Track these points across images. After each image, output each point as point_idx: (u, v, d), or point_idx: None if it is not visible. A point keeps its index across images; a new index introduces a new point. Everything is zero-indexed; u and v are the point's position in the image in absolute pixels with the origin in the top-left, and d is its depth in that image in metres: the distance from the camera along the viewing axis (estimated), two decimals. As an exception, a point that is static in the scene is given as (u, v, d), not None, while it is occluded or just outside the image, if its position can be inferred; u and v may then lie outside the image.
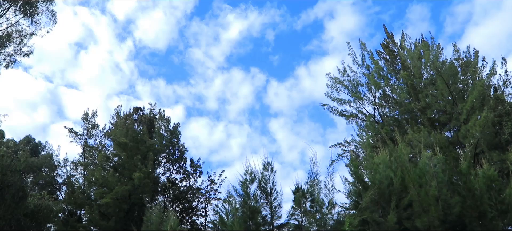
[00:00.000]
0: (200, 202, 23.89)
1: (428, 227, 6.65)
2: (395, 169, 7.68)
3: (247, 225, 7.95)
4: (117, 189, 19.29)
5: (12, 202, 16.51)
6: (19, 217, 16.82)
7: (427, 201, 6.79)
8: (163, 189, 22.59)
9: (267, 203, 8.32)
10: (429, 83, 15.78)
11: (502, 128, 13.26)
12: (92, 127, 24.48)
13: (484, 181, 7.22)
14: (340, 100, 18.21)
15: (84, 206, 21.21)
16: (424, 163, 7.58)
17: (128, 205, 20.18)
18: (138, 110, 25.65)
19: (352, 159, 8.72)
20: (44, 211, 17.62)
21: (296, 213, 8.04)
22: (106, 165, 22.32)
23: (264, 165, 8.45)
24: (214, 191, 23.97)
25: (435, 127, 14.59)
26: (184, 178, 23.95)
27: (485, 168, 7.49)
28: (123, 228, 19.72)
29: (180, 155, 24.15)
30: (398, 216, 6.93)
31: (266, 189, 8.34)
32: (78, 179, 24.35)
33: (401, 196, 7.31)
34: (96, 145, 23.95)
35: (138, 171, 19.56)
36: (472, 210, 6.85)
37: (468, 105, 13.26)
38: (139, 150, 21.25)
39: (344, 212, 8.82)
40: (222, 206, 8.57)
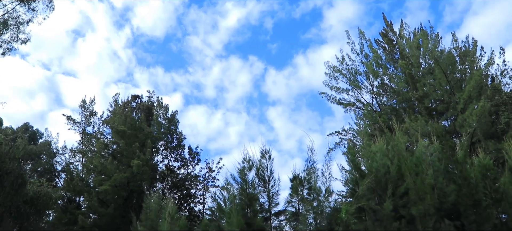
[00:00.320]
0: (198, 190, 24.07)
1: (423, 215, 6.74)
2: (392, 158, 7.75)
3: (245, 212, 8.05)
4: (116, 176, 19.39)
5: (11, 189, 16.60)
6: (18, 204, 16.94)
7: (423, 189, 6.87)
8: (161, 176, 22.73)
9: (265, 191, 8.41)
10: (427, 72, 15.81)
11: (498, 118, 13.35)
12: (90, 114, 24.50)
13: (479, 170, 7.30)
14: (338, 89, 18.24)
15: (83, 193, 21.33)
16: (421, 151, 7.65)
17: (127, 192, 20.31)
18: (136, 98, 25.64)
19: (349, 148, 8.77)
20: (43, 198, 17.75)
21: (294, 200, 8.14)
22: (104, 153, 22.38)
23: (262, 153, 8.52)
24: (212, 179, 24.15)
25: (433, 116, 14.66)
26: (182, 165, 24.09)
27: (481, 157, 7.57)
28: (122, 215, 19.88)
29: (178, 143, 24.24)
30: (394, 204, 7.01)
31: (263, 176, 8.42)
32: (76, 166, 24.43)
33: (398, 184, 7.39)
34: (94, 132, 23.99)
35: (137, 159, 19.64)
36: (467, 198, 6.94)
37: (465, 94, 13.32)
38: (137, 138, 21.30)
39: (340, 199, 8.93)
40: (220, 194, 8.67)
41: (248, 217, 8.01)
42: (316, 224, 7.45)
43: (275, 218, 8.46)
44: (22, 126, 26.83)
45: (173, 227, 8.47)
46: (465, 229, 6.84)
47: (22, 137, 24.01)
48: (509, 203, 7.05)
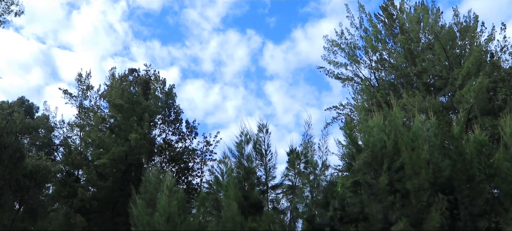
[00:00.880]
0: (196, 163, 24.32)
1: (418, 189, 6.84)
2: (388, 133, 7.79)
3: (242, 186, 8.14)
4: (114, 150, 19.48)
5: (10, 163, 16.70)
6: (18, 177, 17.08)
7: (419, 164, 6.95)
8: (159, 150, 22.88)
9: (262, 164, 8.48)
10: (426, 48, 15.69)
11: (496, 94, 13.37)
12: (86, 88, 24.33)
13: (475, 145, 7.36)
14: (336, 63, 18.14)
15: (82, 166, 21.48)
16: (417, 127, 7.68)
17: (125, 166, 20.47)
18: (133, 72, 25.45)
19: (346, 122, 8.80)
20: (42, 171, 17.88)
21: (290, 174, 8.22)
22: (102, 127, 22.40)
23: (259, 127, 8.54)
24: (209, 152, 24.37)
25: (430, 92, 14.67)
26: (179, 139, 24.22)
27: (476, 133, 7.62)
28: (121, 188, 20.12)
29: (176, 117, 24.28)
30: (390, 178, 7.10)
31: (261, 150, 8.47)
32: (74, 140, 24.48)
33: (394, 159, 7.46)
34: (91, 106, 23.92)
35: (134, 133, 19.69)
36: (461, 173, 7.03)
37: (464, 70, 13.27)
38: (134, 112, 21.29)
39: (337, 173, 9.04)
40: (218, 167, 8.74)
41: (245, 190, 8.11)
42: (312, 197, 7.56)
43: (272, 192, 8.58)
44: (18, 100, 26.69)
45: (171, 200, 8.57)
46: (458, 203, 6.96)
47: (18, 111, 23.91)
48: (502, 179, 7.16)
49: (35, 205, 18.36)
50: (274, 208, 8.39)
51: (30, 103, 27.52)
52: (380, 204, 6.96)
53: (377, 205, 6.95)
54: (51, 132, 25.55)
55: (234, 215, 6.94)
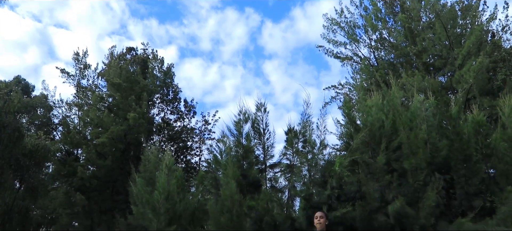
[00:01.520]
0: (195, 142, 24.44)
1: (415, 168, 6.89)
2: (387, 112, 7.79)
3: (241, 164, 8.19)
4: (113, 129, 19.50)
5: (9, 142, 16.72)
6: (18, 157, 17.14)
7: (416, 143, 6.98)
8: (158, 129, 22.93)
9: (260, 143, 8.51)
10: (427, 27, 15.52)
11: (495, 75, 13.32)
12: (84, 67, 24.15)
13: (472, 126, 7.39)
14: (335, 42, 17.98)
15: (81, 145, 21.55)
16: (416, 107, 7.68)
17: (124, 145, 20.54)
18: (131, 50, 25.21)
19: (345, 102, 8.79)
20: (41, 150, 17.93)
21: (288, 153, 8.26)
22: (100, 106, 22.36)
23: (257, 106, 8.53)
24: (208, 131, 24.46)
25: (430, 72, 14.60)
26: (178, 118, 24.25)
27: (475, 113, 7.63)
28: (120, 166, 20.25)
29: (174, 96, 24.24)
30: (387, 158, 7.14)
31: (259, 129, 8.48)
32: (73, 119, 24.47)
33: (391, 138, 7.49)
34: (89, 86, 23.80)
35: (133, 112, 19.67)
36: (458, 153, 7.07)
37: (464, 50, 13.17)
38: (133, 91, 21.21)
39: (335, 153, 9.09)
40: (216, 146, 8.78)
41: (243, 168, 8.16)
42: (310, 176, 7.63)
43: (270, 170, 8.64)
44: (14, 79, 26.46)
45: (170, 179, 8.64)
46: (454, 182, 7.03)
47: (16, 90, 23.80)
48: (498, 158, 7.22)
49: (36, 184, 18.50)
50: (272, 187, 8.47)
51: (26, 82, 27.33)
52: (377, 183, 7.03)
53: (374, 184, 7.02)
54: (50, 111, 25.51)
55: (233, 194, 7.01)
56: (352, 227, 6.88)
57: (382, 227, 6.77)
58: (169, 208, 8.24)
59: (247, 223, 7.20)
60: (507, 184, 6.65)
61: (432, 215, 6.45)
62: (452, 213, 6.86)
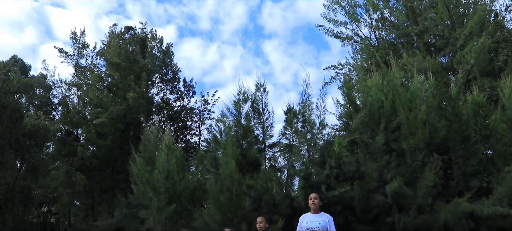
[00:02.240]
0: (194, 122, 24.48)
1: (413, 149, 6.91)
2: (386, 93, 7.77)
3: (240, 144, 8.22)
4: (112, 109, 19.48)
5: (9, 123, 16.73)
6: (18, 137, 17.19)
7: (415, 124, 6.98)
8: (157, 109, 22.92)
9: (259, 123, 8.53)
10: (429, 6, 15.30)
11: (497, 55, 13.20)
12: (82, 47, 23.95)
13: (472, 107, 7.37)
14: (336, 22, 17.75)
15: (81, 125, 21.57)
16: (416, 87, 7.65)
17: (124, 125, 20.57)
18: (130, 30, 24.90)
19: (345, 82, 8.76)
20: (41, 130, 17.96)
21: (287, 132, 8.29)
22: (99, 86, 22.28)
23: (257, 86, 8.50)
24: (207, 111, 24.47)
25: (431, 52, 14.48)
26: (177, 98, 24.20)
27: (475, 94, 7.60)
28: (120, 146, 20.33)
29: (173, 76, 24.12)
30: (386, 138, 7.16)
31: (258, 109, 8.48)
32: (72, 99, 24.41)
33: (391, 119, 7.49)
34: (88, 65, 23.65)
35: (132, 91, 19.61)
36: (457, 134, 7.08)
37: (466, 30, 13.01)
38: (132, 70, 21.09)
39: (334, 133, 9.12)
40: (216, 126, 8.81)
41: (243, 148, 8.20)
42: (309, 155, 7.66)
43: (269, 150, 8.68)
44: (11, 58, 26.21)
45: (170, 158, 8.69)
46: (452, 163, 7.07)
47: (15, 70, 23.65)
48: (497, 139, 7.23)
49: (36, 163, 18.62)
50: (271, 166, 8.53)
51: (22, 62, 27.09)
52: (375, 163, 7.07)
53: (373, 164, 7.06)
54: (49, 92, 25.43)
55: (232, 173, 7.06)
56: (350, 206, 6.96)
57: (380, 206, 6.85)
58: (169, 187, 8.33)
59: (247, 202, 7.28)
60: (504, 164, 6.69)
61: (430, 195, 6.52)
62: (449, 193, 6.92)
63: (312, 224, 4.70)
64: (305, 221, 4.79)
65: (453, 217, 6.19)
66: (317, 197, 4.88)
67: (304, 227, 4.74)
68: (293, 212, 7.05)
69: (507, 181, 6.32)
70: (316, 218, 4.74)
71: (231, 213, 7.11)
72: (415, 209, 6.50)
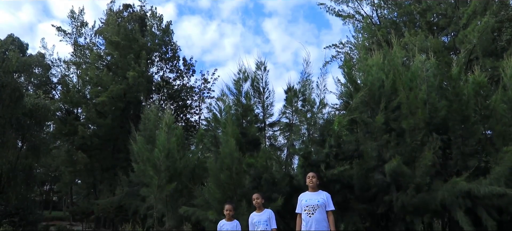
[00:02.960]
0: (194, 101, 24.49)
1: (413, 128, 6.92)
2: (387, 72, 7.72)
3: (240, 122, 8.22)
4: (112, 88, 19.44)
5: (9, 102, 16.73)
6: (18, 116, 17.21)
7: (415, 104, 6.96)
8: (157, 87, 22.87)
9: (260, 102, 8.51)
10: (432, -16, 15.04)
11: (500, 35, 13.06)
12: (80, 25, 23.71)
13: (473, 87, 7.33)
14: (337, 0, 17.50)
15: (81, 104, 21.58)
16: (417, 67, 7.60)
17: (124, 104, 20.57)
18: (128, 8, 24.58)
19: (345, 61, 8.70)
20: (41, 110, 17.97)
21: (288, 111, 8.28)
22: (99, 64, 22.16)
23: (257, 65, 8.44)
24: (207, 90, 24.46)
25: (433, 31, 14.32)
26: (177, 77, 24.13)
27: (476, 74, 7.55)
28: (120, 125, 20.39)
29: (173, 54, 23.97)
30: (386, 117, 7.16)
31: (258, 88, 8.45)
32: (71, 78, 24.33)
33: (391, 98, 7.48)
34: (86, 44, 23.47)
35: (132, 70, 19.53)
36: (457, 114, 7.07)
37: (470, 9, 12.83)
38: (131, 49, 20.94)
39: (334, 112, 9.12)
40: (216, 104, 8.80)
41: (243, 127, 8.21)
42: (309, 134, 7.68)
43: (269, 129, 8.69)
44: (8, 37, 25.90)
45: (170, 137, 8.73)
46: (451, 143, 7.09)
47: (13, 49, 23.48)
48: (496, 120, 7.23)
49: (37, 142, 18.72)
50: (271, 145, 8.57)
51: (20, 41, 26.80)
52: (375, 142, 7.10)
53: (372, 143, 7.09)
54: (48, 70, 25.31)
55: (232, 151, 7.09)
56: (349, 184, 7.02)
57: (378, 185, 6.92)
58: (169, 166, 8.39)
59: (246, 180, 7.34)
60: (503, 144, 6.71)
61: (428, 174, 6.56)
62: (448, 172, 6.98)
63: (311, 201, 4.78)
64: (304, 199, 4.87)
65: (450, 196, 6.25)
66: (314, 175, 4.95)
67: (304, 205, 4.82)
68: (292, 190, 7.13)
69: (505, 161, 6.35)
70: (315, 196, 4.83)
71: (231, 191, 7.18)
72: (413, 188, 6.56)
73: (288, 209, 6.96)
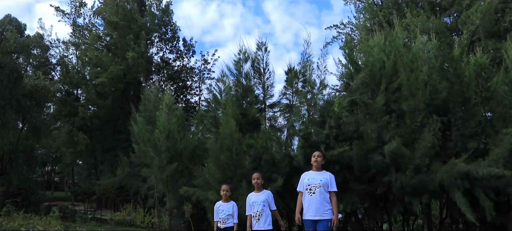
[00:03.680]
0: (194, 82, 24.43)
1: (413, 110, 6.92)
2: (388, 53, 7.66)
3: (240, 103, 8.21)
4: (112, 68, 19.37)
5: (8, 83, 16.68)
6: (18, 97, 17.19)
7: (416, 85, 6.93)
8: (157, 68, 22.77)
9: (260, 83, 8.47)
10: (436, -36, 14.77)
11: (504, 16, 12.89)
12: (79, 5, 23.43)
13: (474, 68, 7.28)
14: (339, -21, 17.21)
15: (80, 85, 21.54)
16: (418, 48, 7.52)
17: (124, 84, 20.53)
18: (127, -13, 24.20)
19: (346, 42, 8.61)
20: (41, 91, 17.95)
21: (288, 92, 8.26)
22: (98, 45, 22.00)
23: (257, 45, 8.37)
24: (207, 71, 24.36)
25: (435, 12, 14.13)
26: (177, 57, 23.99)
27: (478, 55, 7.49)
28: (120, 106, 20.40)
29: (173, 35, 23.76)
30: (386, 99, 7.14)
31: (259, 68, 8.39)
32: (71, 59, 24.19)
33: (392, 79, 7.44)
34: (85, 24, 23.24)
35: (131, 51, 19.40)
36: (457, 95, 7.04)
37: (474, -12, 12.63)
38: (131, 29, 20.75)
39: (334, 93, 9.09)
40: (216, 85, 8.76)
41: (243, 108, 8.20)
42: (309, 115, 7.68)
43: (269, 110, 8.69)
44: (5, 17, 25.58)
45: (171, 118, 8.73)
46: (451, 124, 7.09)
47: (11, 30, 23.27)
48: (497, 102, 7.20)
49: (38, 124, 18.77)
50: (271, 126, 8.58)
51: (17, 22, 26.48)
52: (375, 124, 7.10)
53: (372, 125, 7.09)
54: (46, 51, 25.14)
55: (232, 132, 7.10)
56: (348, 165, 7.06)
57: (378, 166, 6.96)
58: (170, 146, 8.42)
59: (246, 161, 7.38)
60: (503, 127, 6.70)
61: (427, 156, 6.59)
62: (447, 154, 7.00)
63: (313, 180, 4.77)
64: (307, 178, 4.85)
65: (449, 177, 6.29)
66: (320, 155, 4.92)
67: (305, 184, 4.81)
68: (292, 171, 7.17)
69: (505, 143, 6.36)
70: (318, 176, 4.80)
71: (231, 172, 7.22)
72: (412, 169, 6.60)
73: (287, 190, 7.03)
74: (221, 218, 5.56)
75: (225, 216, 5.54)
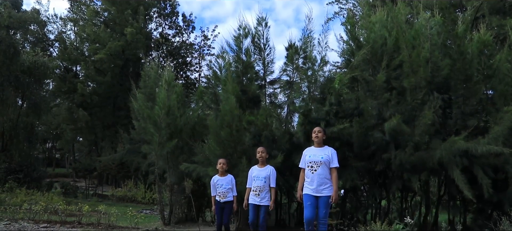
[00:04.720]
0: (194, 58, 24.26)
1: (414, 87, 6.88)
2: (390, 29, 7.55)
3: (240, 80, 8.16)
4: (110, 44, 19.19)
5: (5, 59, 16.52)
6: (17, 74, 17.08)
7: (418, 62, 6.86)
8: (156, 44, 22.57)
9: (260, 59, 8.40)
10: None
11: (509, -8, 12.65)
12: (76, -21, 22.97)
13: (477, 45, 7.19)
14: (342, -48, 16.82)
15: (79, 62, 21.39)
16: (421, 24, 7.41)
17: (123, 61, 20.39)
18: (124, -39, 23.67)
19: (348, 17, 8.47)
20: (40, 67, 17.82)
21: (288, 69, 8.20)
22: (96, 21, 21.71)
23: (258, 20, 8.23)
24: (207, 47, 24.17)
25: (439, -13, 13.84)
26: (177, 33, 23.74)
27: (481, 32, 7.39)
28: (120, 83, 20.31)
29: (172, 10, 23.43)
30: (388, 76, 7.09)
31: (259, 44, 8.30)
32: (69, 35, 23.91)
33: (393, 56, 7.37)
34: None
35: (130, 26, 19.17)
36: (459, 73, 6.99)
37: (479, -36, 12.33)
38: (129, 4, 20.44)
39: (335, 70, 9.03)
40: (216, 61, 8.69)
41: (243, 84, 8.16)
42: (309, 92, 7.64)
43: (269, 86, 8.65)
44: (-1, -8, 25.04)
45: (170, 94, 8.69)
46: (452, 102, 7.07)
47: (5, 4, 22.85)
48: (499, 80, 7.16)
49: (38, 100, 18.72)
50: (271, 102, 8.56)
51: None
52: (375, 101, 7.08)
53: (373, 102, 7.07)
54: (44, 27, 24.80)
55: (232, 109, 7.08)
56: (348, 142, 7.08)
57: (377, 143, 6.98)
58: (170, 123, 8.42)
59: (246, 137, 7.39)
60: (504, 105, 6.69)
61: (427, 133, 6.60)
62: (447, 131, 7.00)
63: (315, 157, 4.77)
64: (308, 154, 4.85)
65: (448, 155, 6.31)
66: (320, 130, 4.91)
67: (307, 161, 4.82)
68: (292, 148, 7.19)
69: (505, 121, 6.35)
70: (319, 152, 4.80)
71: (231, 148, 7.25)
72: (411, 146, 6.62)
73: (287, 166, 7.07)
74: (220, 192, 5.60)
75: (225, 190, 5.58)
